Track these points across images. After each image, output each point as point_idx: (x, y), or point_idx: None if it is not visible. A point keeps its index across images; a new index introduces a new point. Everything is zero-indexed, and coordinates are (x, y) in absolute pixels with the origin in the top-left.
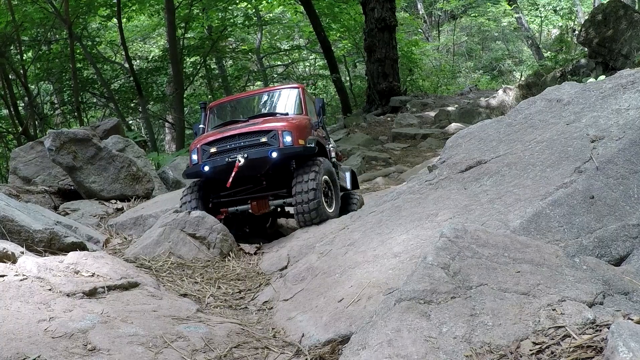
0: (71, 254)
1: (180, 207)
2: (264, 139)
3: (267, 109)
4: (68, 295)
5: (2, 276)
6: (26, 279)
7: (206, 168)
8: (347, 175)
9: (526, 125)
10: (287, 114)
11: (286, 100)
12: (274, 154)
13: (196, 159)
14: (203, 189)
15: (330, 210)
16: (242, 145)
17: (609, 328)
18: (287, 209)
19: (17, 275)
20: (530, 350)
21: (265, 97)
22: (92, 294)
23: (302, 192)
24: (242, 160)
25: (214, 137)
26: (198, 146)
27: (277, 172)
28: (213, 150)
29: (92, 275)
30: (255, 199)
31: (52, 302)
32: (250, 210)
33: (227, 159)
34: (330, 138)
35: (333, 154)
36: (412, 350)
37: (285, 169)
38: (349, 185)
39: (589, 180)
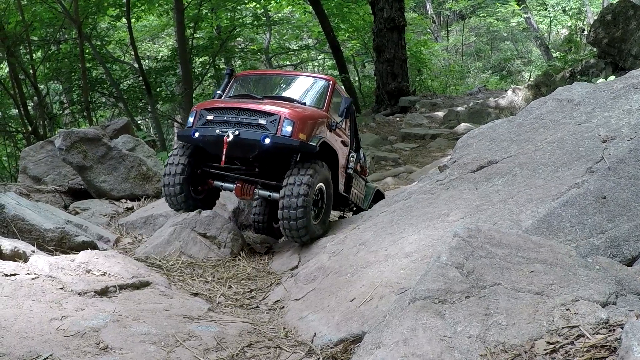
0: (82, 253)
1: (165, 166)
2: (262, 121)
3: (288, 93)
4: (80, 294)
5: (14, 275)
6: (38, 277)
7: (196, 134)
8: (369, 194)
9: (537, 126)
10: (304, 104)
11: (311, 89)
12: (267, 140)
13: (191, 122)
14: (194, 155)
15: (315, 223)
16: (238, 121)
17: (622, 328)
18: None
19: (28, 274)
20: (545, 349)
21: (291, 81)
22: (103, 292)
23: (289, 208)
24: (232, 137)
25: (215, 105)
26: (197, 109)
27: (272, 162)
28: (210, 117)
29: (104, 274)
30: (241, 182)
31: (64, 301)
32: (233, 192)
33: (217, 131)
34: (362, 150)
35: (351, 164)
36: (428, 349)
37: (281, 160)
38: (364, 205)
39: (600, 180)
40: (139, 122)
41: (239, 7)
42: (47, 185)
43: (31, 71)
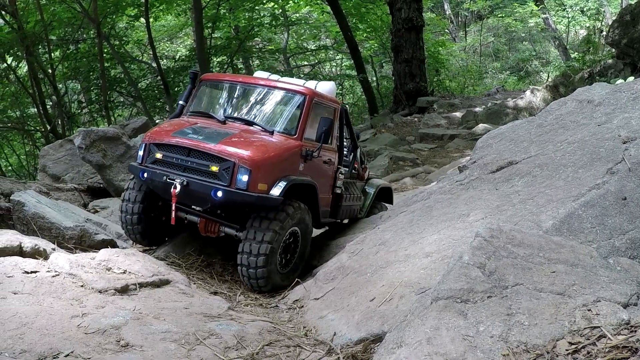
0: (103, 251)
1: (122, 201)
2: (215, 168)
3: (256, 111)
4: (100, 292)
5: (35, 272)
6: (58, 275)
7: (145, 176)
8: (369, 199)
9: (557, 126)
10: (272, 132)
11: (283, 107)
12: (218, 194)
13: (141, 157)
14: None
15: (283, 272)
16: (188, 166)
17: None
18: None
19: (49, 271)
20: (567, 350)
21: (260, 94)
22: (124, 290)
23: (250, 254)
24: (179, 188)
25: (165, 141)
26: (147, 142)
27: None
28: (158, 155)
29: (124, 272)
30: (205, 218)
31: (85, 299)
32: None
33: (164, 178)
34: (359, 150)
35: (339, 183)
36: (451, 348)
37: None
38: (362, 214)
39: (621, 181)
40: (157, 121)
41: (257, 7)
42: (67, 184)
43: (50, 70)
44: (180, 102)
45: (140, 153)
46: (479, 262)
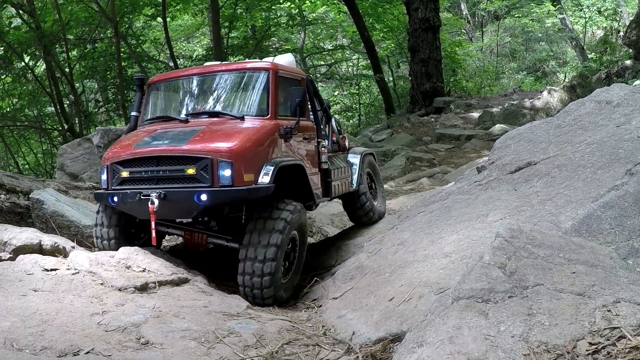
0: (122, 249)
1: (95, 226)
2: (191, 170)
3: (219, 100)
4: (120, 290)
5: (55, 270)
6: (78, 273)
7: (115, 199)
8: (355, 171)
9: (576, 127)
10: (242, 117)
11: (247, 89)
12: (203, 198)
13: (105, 181)
14: None
15: (284, 282)
16: (161, 176)
17: None
18: None
19: (69, 269)
20: (587, 350)
21: (219, 81)
22: (143, 288)
23: (253, 275)
24: (157, 202)
25: (128, 155)
26: (108, 163)
27: (222, 212)
28: (125, 174)
29: (143, 271)
30: (189, 232)
31: (104, 296)
32: (183, 239)
33: (137, 196)
34: (333, 121)
35: (324, 157)
36: (473, 347)
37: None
38: (354, 184)
39: None
40: None
41: (273, 7)
42: (85, 182)
43: (67, 69)
44: (133, 114)
45: (104, 177)
46: (499, 262)
